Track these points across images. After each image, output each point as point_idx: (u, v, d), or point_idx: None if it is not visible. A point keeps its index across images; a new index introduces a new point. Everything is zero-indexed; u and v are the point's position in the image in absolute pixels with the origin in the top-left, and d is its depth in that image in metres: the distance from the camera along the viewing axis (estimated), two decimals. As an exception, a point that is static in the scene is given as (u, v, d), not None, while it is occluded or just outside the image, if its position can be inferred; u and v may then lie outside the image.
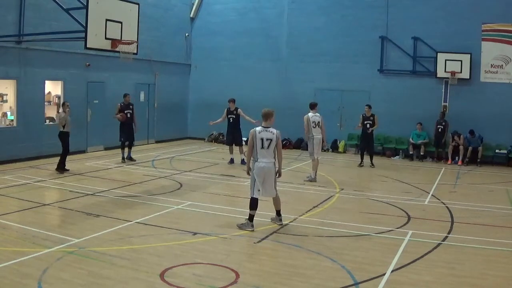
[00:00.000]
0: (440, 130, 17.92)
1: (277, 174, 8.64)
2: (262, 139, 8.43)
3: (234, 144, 15.92)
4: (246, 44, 21.34)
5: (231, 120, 15.73)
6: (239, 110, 15.80)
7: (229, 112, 15.78)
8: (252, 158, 8.58)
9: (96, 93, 16.88)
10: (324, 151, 16.89)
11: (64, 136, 13.35)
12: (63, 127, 13.26)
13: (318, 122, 13.22)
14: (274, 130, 8.54)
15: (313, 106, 13.41)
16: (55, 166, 13.33)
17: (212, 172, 14.31)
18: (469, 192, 12.80)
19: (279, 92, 20.60)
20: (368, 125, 16.36)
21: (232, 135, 15.87)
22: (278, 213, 8.87)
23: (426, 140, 18.12)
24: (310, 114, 13.22)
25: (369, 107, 16.44)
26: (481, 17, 16.81)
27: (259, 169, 8.44)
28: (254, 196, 8.51)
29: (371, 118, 16.28)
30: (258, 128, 8.54)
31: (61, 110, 13.64)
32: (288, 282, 6.36)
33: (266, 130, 8.50)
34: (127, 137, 15.36)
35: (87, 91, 16.97)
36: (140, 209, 9.78)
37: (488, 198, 12.01)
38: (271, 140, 8.46)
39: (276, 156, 8.60)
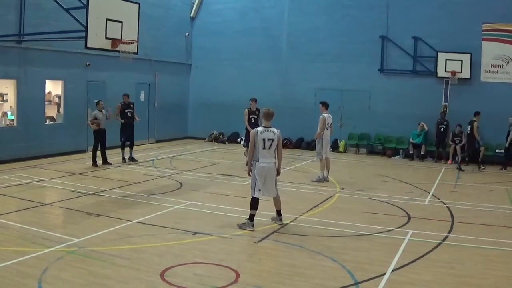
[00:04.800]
0: (442, 130, 17.93)
1: (277, 173, 8.66)
2: (264, 140, 8.43)
3: None
4: (246, 43, 21.34)
5: (253, 121, 14.97)
6: (260, 110, 15.51)
7: (250, 112, 15.13)
8: (253, 158, 8.58)
9: (96, 93, 16.85)
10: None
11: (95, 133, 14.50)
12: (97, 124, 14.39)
13: (331, 123, 13.26)
14: (275, 130, 8.54)
15: (328, 106, 13.34)
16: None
17: (213, 171, 14.31)
18: (470, 192, 12.80)
19: (279, 91, 20.61)
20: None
21: None
22: (279, 213, 8.87)
23: (422, 142, 18.13)
24: (326, 115, 13.17)
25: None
26: (482, 16, 16.80)
27: (260, 169, 8.45)
28: (255, 196, 8.51)
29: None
30: (260, 129, 8.53)
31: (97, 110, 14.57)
32: (288, 282, 6.36)
33: (268, 130, 8.50)
34: (127, 137, 15.36)
35: (87, 91, 16.98)
36: (140, 208, 9.78)
37: (488, 198, 12.00)
38: (272, 140, 8.46)
39: (276, 155, 8.61)
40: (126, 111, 15.27)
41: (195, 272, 6.57)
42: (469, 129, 16.30)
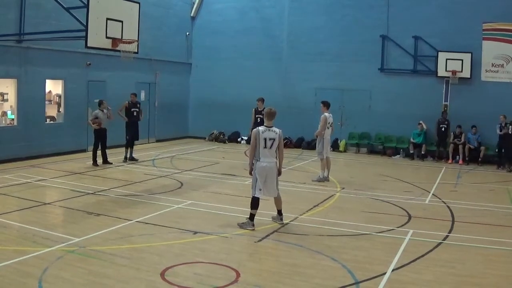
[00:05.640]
0: (443, 129, 17.92)
1: (278, 173, 8.66)
2: (265, 139, 8.44)
3: None
4: (247, 43, 21.35)
5: (259, 120, 14.75)
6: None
7: (257, 112, 14.99)
8: (254, 158, 8.58)
9: (97, 92, 16.85)
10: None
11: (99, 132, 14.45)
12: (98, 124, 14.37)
13: (331, 123, 13.30)
14: (277, 130, 8.54)
15: (329, 106, 13.32)
16: (55, 166, 13.37)
17: (213, 171, 14.31)
18: (470, 191, 12.79)
19: (279, 91, 20.60)
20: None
21: None
22: (280, 212, 8.87)
23: (423, 142, 18.12)
24: (327, 114, 13.17)
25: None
26: (482, 16, 16.81)
27: (261, 169, 8.45)
28: (255, 196, 8.51)
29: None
30: (261, 128, 8.54)
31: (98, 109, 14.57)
32: (288, 281, 6.36)
33: (269, 130, 8.50)
34: (133, 135, 15.39)
35: (88, 90, 16.98)
36: (140, 208, 9.78)
37: (489, 198, 12.00)
38: (274, 140, 8.46)
39: (277, 155, 8.61)
40: (132, 110, 15.38)
41: (196, 272, 6.57)
42: (510, 129, 16.21)
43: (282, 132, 8.60)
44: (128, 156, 15.42)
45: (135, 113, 15.44)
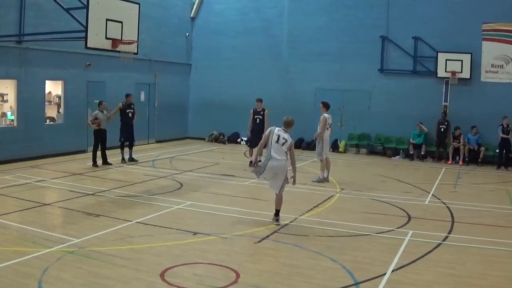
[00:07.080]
0: (442, 130, 17.93)
1: (293, 180, 8.86)
2: (278, 136, 8.82)
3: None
4: (247, 43, 21.34)
5: (258, 121, 14.95)
6: (266, 111, 15.16)
7: (255, 112, 15.09)
8: (264, 155, 8.93)
9: (97, 93, 16.84)
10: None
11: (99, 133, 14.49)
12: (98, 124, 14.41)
13: (330, 124, 13.33)
14: (290, 137, 8.94)
15: (329, 107, 13.35)
16: (55, 167, 13.37)
17: (213, 172, 14.30)
18: (470, 192, 12.80)
19: (279, 91, 20.59)
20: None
21: (258, 137, 15.33)
22: (277, 213, 8.94)
23: (422, 142, 18.12)
24: (327, 115, 13.18)
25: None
26: (482, 16, 16.82)
27: (270, 168, 8.77)
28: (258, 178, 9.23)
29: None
30: (278, 127, 8.96)
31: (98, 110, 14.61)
32: (288, 282, 6.36)
33: (284, 132, 8.93)
34: (127, 137, 15.36)
35: (88, 91, 16.97)
36: (140, 209, 9.78)
37: (489, 198, 12.01)
38: (286, 140, 8.82)
39: (288, 156, 8.89)
40: (127, 111, 15.30)
41: (195, 273, 6.57)
42: None
43: (293, 142, 8.99)
44: (128, 157, 15.41)
45: (130, 114, 15.32)
